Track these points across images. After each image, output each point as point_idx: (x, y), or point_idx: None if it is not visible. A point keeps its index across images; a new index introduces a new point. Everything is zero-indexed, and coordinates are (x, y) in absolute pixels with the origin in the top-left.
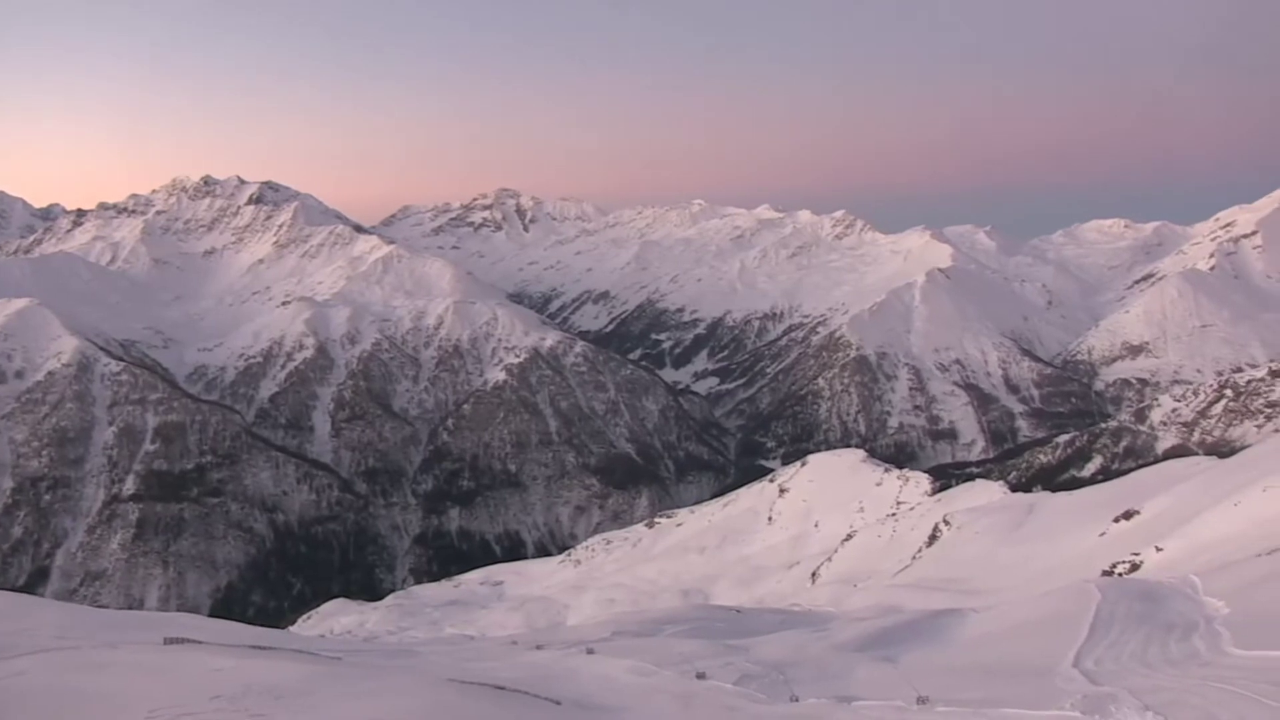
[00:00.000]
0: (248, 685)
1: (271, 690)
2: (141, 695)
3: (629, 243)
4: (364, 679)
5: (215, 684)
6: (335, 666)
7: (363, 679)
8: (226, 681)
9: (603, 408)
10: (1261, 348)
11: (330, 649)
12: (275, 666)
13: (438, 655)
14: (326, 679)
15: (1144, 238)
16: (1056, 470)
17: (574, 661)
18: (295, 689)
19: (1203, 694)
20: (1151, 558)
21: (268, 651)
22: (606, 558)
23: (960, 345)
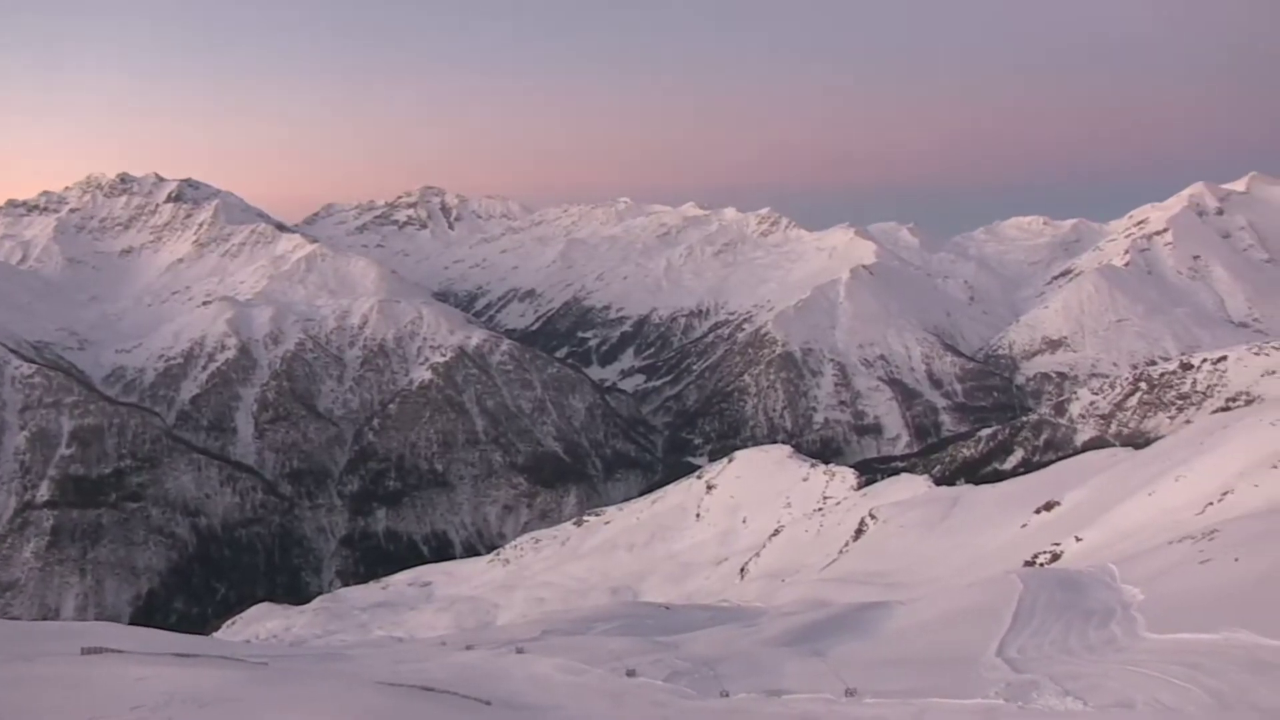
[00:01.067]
0: (170, 694)
1: (195, 698)
2: (58, 709)
3: (555, 241)
4: (291, 684)
5: (136, 694)
6: (261, 672)
7: (290, 684)
8: (148, 691)
9: (529, 406)
10: (1173, 341)
11: (256, 654)
12: (199, 674)
13: (366, 658)
14: (252, 685)
15: (1062, 235)
16: (980, 463)
17: (504, 661)
18: (220, 696)
19: (1119, 677)
20: (1071, 547)
21: (191, 659)
22: (535, 556)
23: (884, 341)
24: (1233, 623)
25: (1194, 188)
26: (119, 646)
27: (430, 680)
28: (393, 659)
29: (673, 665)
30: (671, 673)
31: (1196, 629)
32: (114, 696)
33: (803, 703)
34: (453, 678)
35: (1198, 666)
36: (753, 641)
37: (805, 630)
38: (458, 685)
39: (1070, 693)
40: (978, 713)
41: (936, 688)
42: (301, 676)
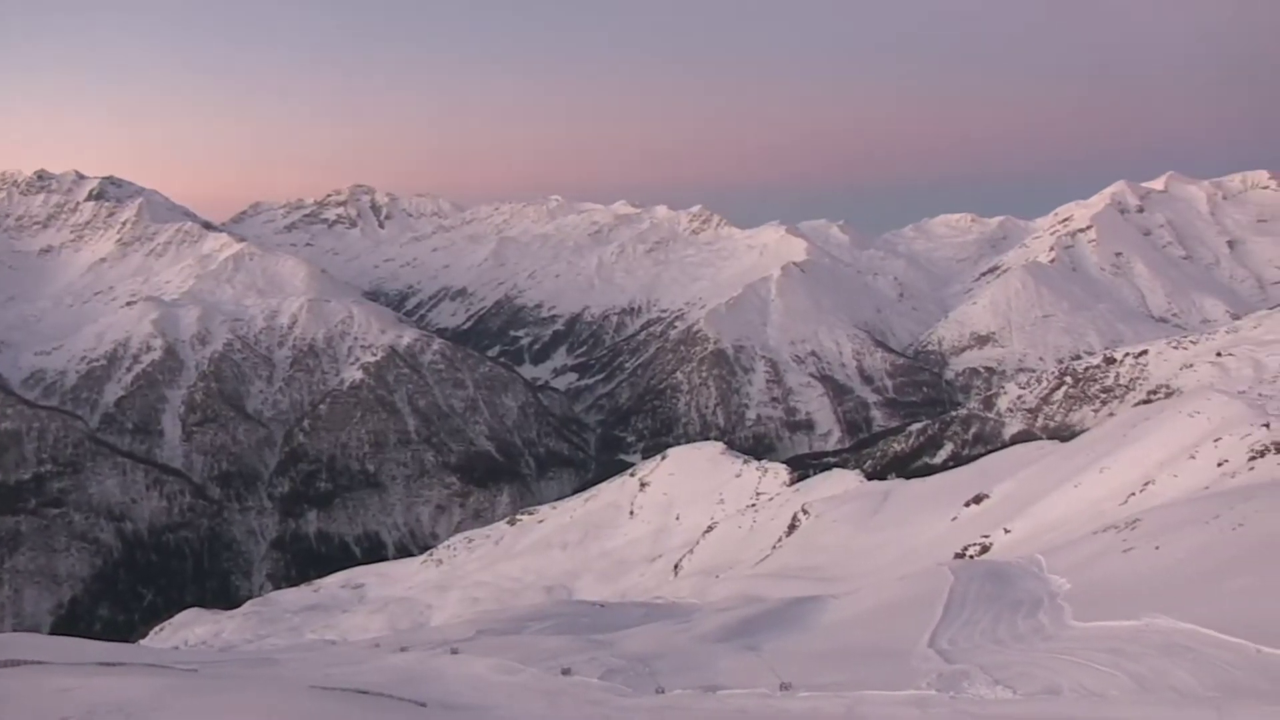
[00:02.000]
0: (94, 705)
1: (121, 708)
2: None
3: (486, 239)
4: (221, 690)
5: (58, 706)
6: (190, 679)
7: (220, 690)
8: (70, 703)
9: (462, 405)
10: (1097, 336)
11: (185, 661)
12: (125, 683)
13: (298, 662)
14: (181, 693)
15: (989, 232)
16: (910, 458)
17: (438, 662)
18: (147, 704)
19: (1047, 665)
20: (1000, 539)
21: (116, 668)
22: (469, 556)
23: (816, 337)
24: (1153, 609)
25: (1116, 186)
26: (38, 657)
27: (364, 683)
28: (325, 662)
29: (608, 663)
30: (607, 670)
31: (1119, 616)
32: (35, 709)
33: (738, 698)
34: (387, 680)
35: (1120, 652)
36: (688, 638)
37: (739, 626)
38: (392, 688)
39: (1000, 681)
40: (910, 703)
41: (870, 680)
42: (232, 682)
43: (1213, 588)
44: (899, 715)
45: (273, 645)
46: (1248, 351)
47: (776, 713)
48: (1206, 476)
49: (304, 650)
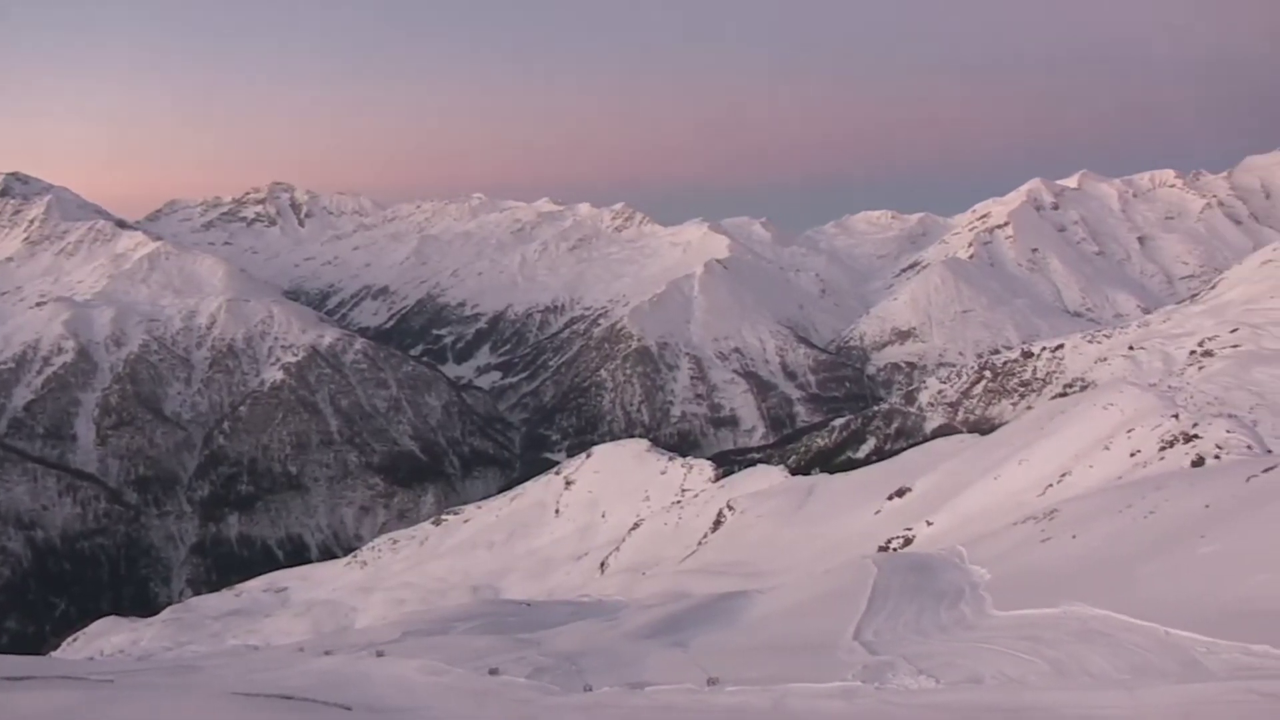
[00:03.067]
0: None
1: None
2: None
3: (408, 237)
4: (138, 700)
5: None
6: (105, 690)
7: (137, 700)
8: None
9: (385, 405)
10: (1015, 330)
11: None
12: (34, 696)
13: (220, 668)
14: (96, 704)
15: (909, 228)
16: (834, 453)
17: (364, 665)
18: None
19: (969, 654)
20: (923, 531)
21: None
22: (394, 557)
23: (739, 334)
24: (1070, 596)
25: (1031, 183)
26: None
27: (288, 688)
28: (248, 668)
29: (535, 662)
30: (534, 669)
31: (1038, 604)
32: None
33: (665, 694)
34: (311, 684)
35: (1039, 639)
36: (614, 635)
37: (666, 622)
38: (317, 692)
39: (924, 671)
40: (836, 695)
41: (796, 673)
42: (150, 692)
43: (1126, 574)
44: (825, 708)
45: (193, 652)
46: (1158, 345)
47: (704, 708)
48: (1120, 467)
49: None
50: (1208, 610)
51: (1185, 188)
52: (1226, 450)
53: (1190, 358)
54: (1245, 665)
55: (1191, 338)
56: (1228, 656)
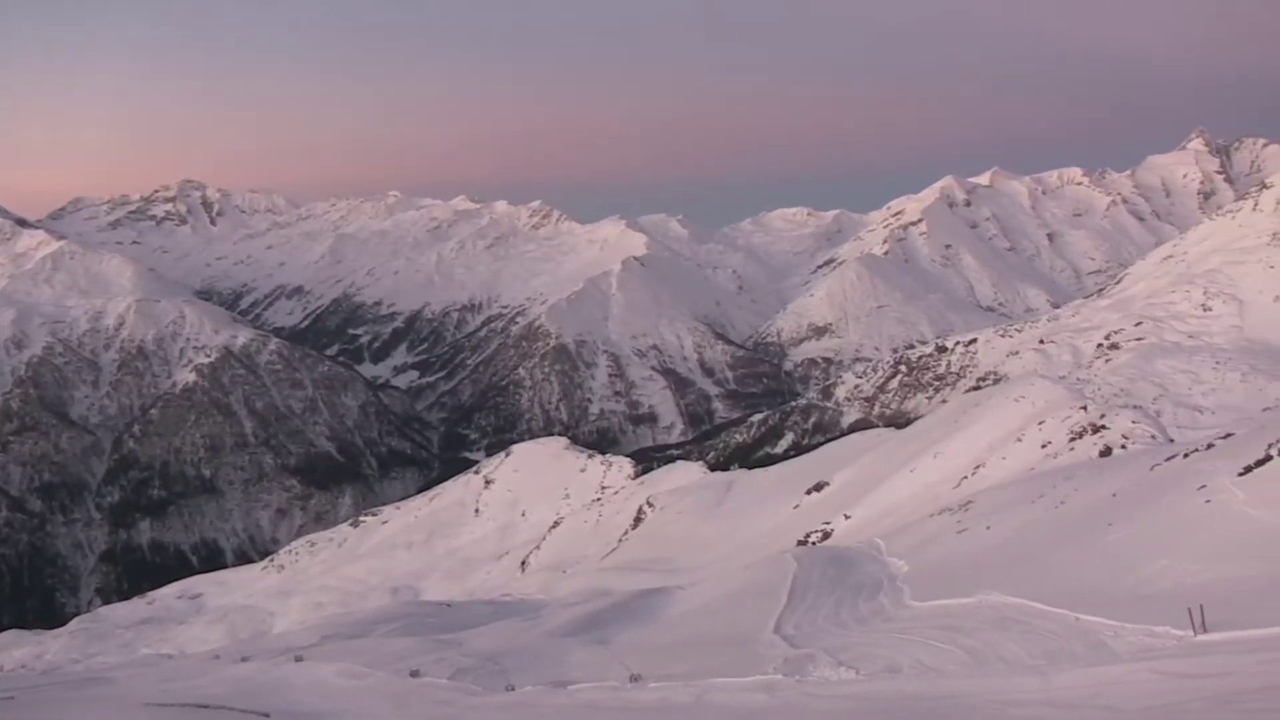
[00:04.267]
0: None
1: None
2: None
3: (323, 236)
4: (43, 715)
5: None
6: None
7: (42, 715)
8: None
9: (300, 406)
10: (929, 325)
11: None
12: None
13: (131, 679)
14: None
15: (825, 225)
16: (752, 448)
17: (282, 671)
18: None
19: (887, 645)
20: (841, 525)
21: None
22: (312, 560)
23: (657, 331)
24: (985, 586)
25: (944, 181)
26: None
27: (204, 697)
28: (161, 678)
29: (457, 663)
30: (456, 670)
31: (955, 594)
32: None
33: (588, 691)
34: (228, 692)
35: (956, 628)
36: (537, 634)
37: (588, 620)
38: (234, 699)
39: (843, 663)
40: (758, 689)
41: (718, 668)
42: (56, 706)
43: (1038, 562)
44: (747, 701)
45: (102, 663)
46: (1067, 339)
47: (627, 705)
48: (1032, 458)
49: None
50: (1115, 595)
51: (1092, 185)
52: (1132, 440)
53: (1097, 351)
54: (1148, 646)
55: (1099, 331)
56: (1133, 639)
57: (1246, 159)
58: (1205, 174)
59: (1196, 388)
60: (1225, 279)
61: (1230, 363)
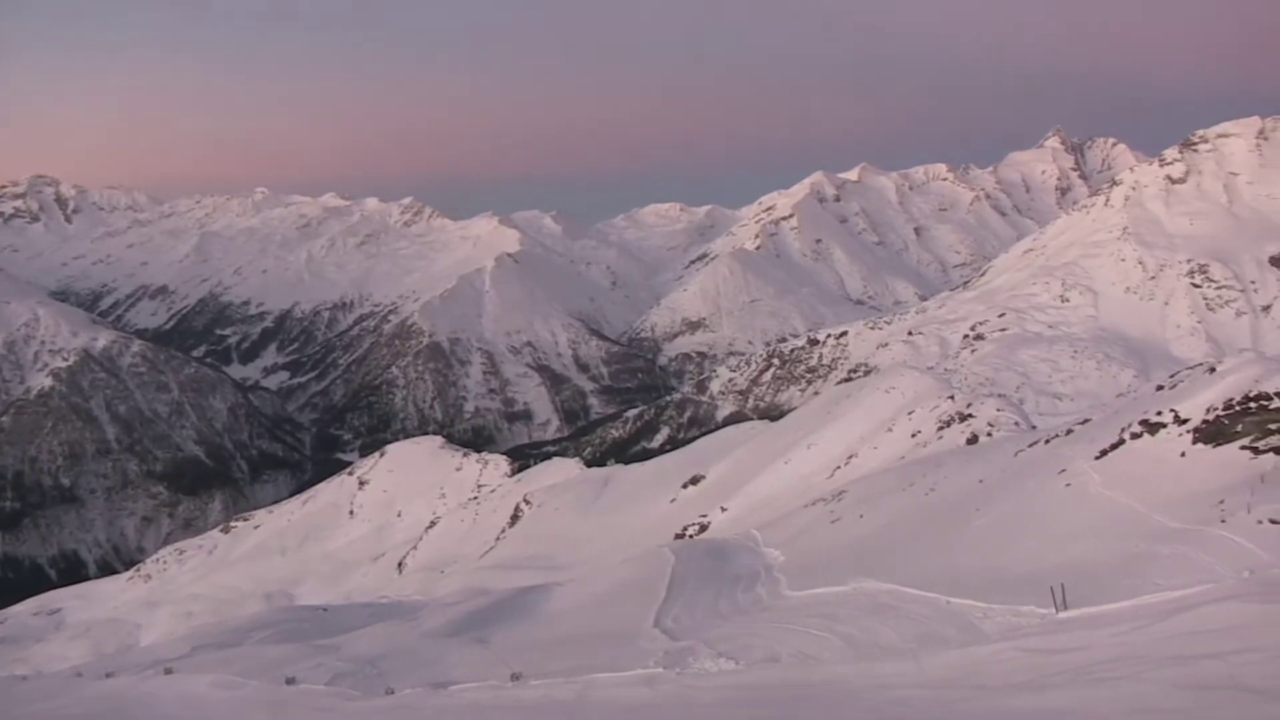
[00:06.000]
0: None
1: None
2: None
3: (188, 234)
4: None
5: None
6: None
7: None
8: None
9: (166, 410)
10: (801, 319)
11: None
12: None
13: None
14: None
15: (698, 220)
16: (628, 443)
17: (150, 685)
18: None
19: (766, 635)
20: (718, 517)
21: None
22: (180, 569)
23: (531, 328)
24: (859, 573)
25: (814, 177)
26: None
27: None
28: (14, 700)
29: (334, 668)
30: (334, 675)
31: (830, 583)
32: None
33: (469, 691)
34: (89, 712)
35: (832, 616)
36: (415, 636)
37: (467, 619)
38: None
39: (723, 654)
40: (639, 683)
41: (599, 663)
42: None
43: (910, 549)
44: (629, 696)
45: None
46: (935, 330)
47: (509, 704)
48: (902, 447)
49: None
50: (983, 578)
51: (956, 181)
52: (997, 427)
53: (964, 341)
54: (1014, 625)
55: (964, 322)
56: (1000, 619)
57: (1099, 157)
58: (1062, 171)
59: (1056, 376)
60: (1081, 271)
61: (1087, 351)
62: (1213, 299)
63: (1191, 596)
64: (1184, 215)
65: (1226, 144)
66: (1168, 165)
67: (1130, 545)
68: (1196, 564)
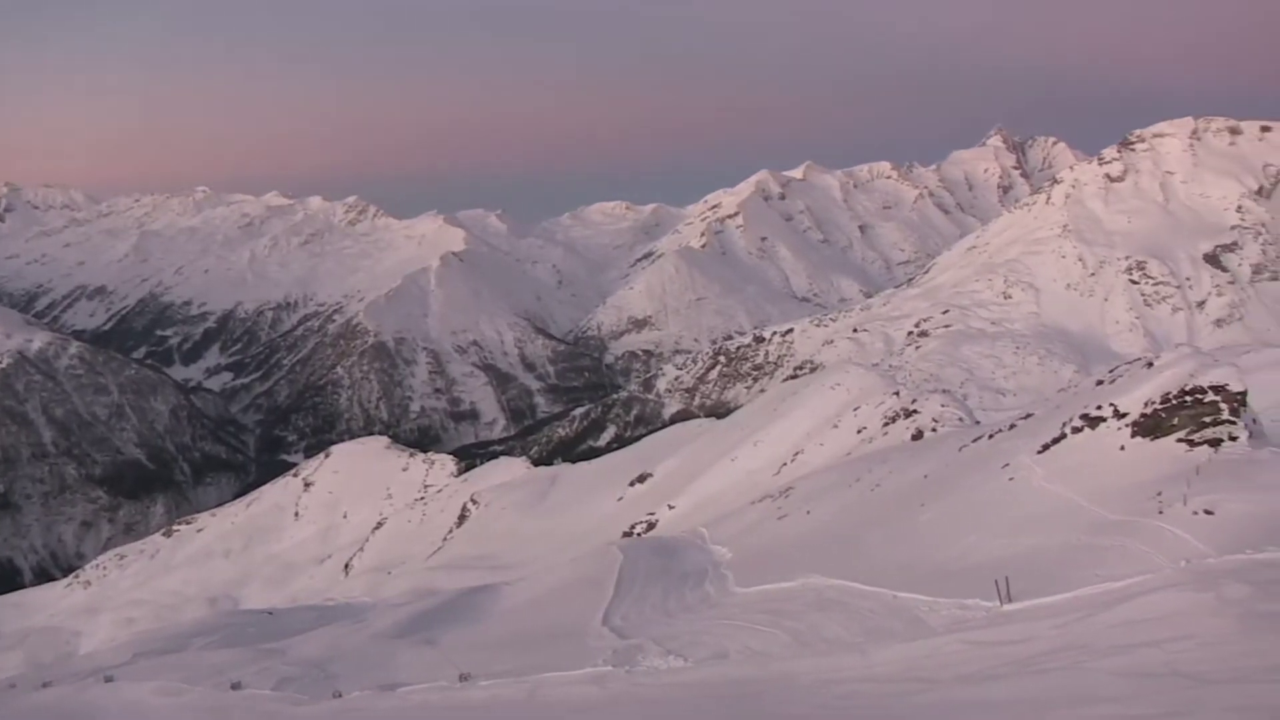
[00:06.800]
0: None
1: None
2: None
3: (127, 233)
4: None
5: None
6: None
7: None
8: None
9: (105, 412)
10: (747, 317)
11: None
12: None
13: None
14: None
15: (644, 219)
16: (575, 442)
17: (91, 694)
18: None
19: (714, 632)
20: (665, 515)
21: None
22: (121, 575)
23: (477, 327)
24: (807, 569)
25: (759, 175)
26: None
27: None
28: None
29: (281, 672)
30: (280, 680)
31: (778, 579)
32: None
33: (418, 693)
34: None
35: (780, 612)
36: (363, 638)
37: (415, 620)
38: None
39: (672, 651)
40: (588, 682)
41: (548, 663)
42: None
43: (857, 544)
44: (578, 695)
45: None
46: (879, 327)
47: (458, 704)
48: (848, 443)
49: None
50: (929, 572)
51: (900, 179)
52: (942, 423)
53: (908, 338)
54: (960, 619)
55: (909, 319)
56: (946, 613)
57: (1040, 155)
58: (1004, 169)
59: (999, 371)
60: (1023, 268)
61: (1029, 347)
62: (1150, 295)
63: (1130, 587)
64: (1122, 213)
65: (1162, 143)
66: (1106, 164)
67: (1072, 537)
68: (1135, 555)
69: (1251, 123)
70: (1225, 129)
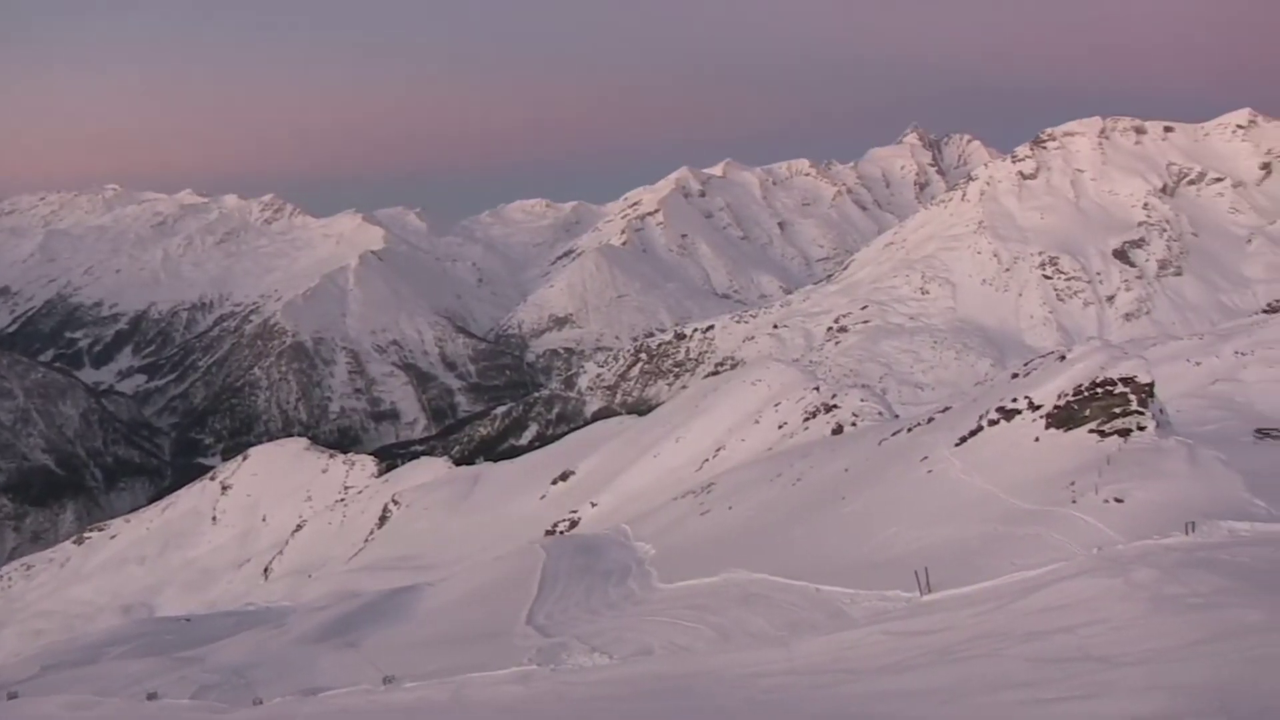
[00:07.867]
0: None
1: None
2: None
3: (32, 232)
4: None
5: None
6: None
7: None
8: None
9: (11, 417)
10: (668, 314)
11: None
12: None
13: None
14: None
15: (564, 216)
16: (497, 440)
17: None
18: None
19: (638, 628)
20: (588, 513)
21: None
22: (28, 585)
23: (397, 326)
24: (730, 564)
25: (679, 172)
26: None
27: None
28: None
29: (199, 680)
30: (199, 688)
31: (701, 574)
32: None
33: (340, 697)
34: None
35: (704, 607)
36: (283, 642)
37: (337, 623)
38: None
39: (597, 649)
40: (514, 681)
41: (473, 663)
42: None
43: (779, 539)
44: (503, 694)
45: None
46: (799, 323)
47: (381, 708)
48: (769, 438)
49: None
50: (850, 564)
51: (819, 176)
52: (861, 417)
53: (828, 334)
54: (880, 610)
55: (828, 315)
56: (867, 604)
57: (955, 153)
58: (920, 166)
59: (917, 366)
60: (940, 264)
61: (946, 341)
62: (1062, 290)
63: (1045, 575)
64: (1035, 210)
65: (1073, 142)
66: (1020, 162)
67: (989, 528)
68: (1050, 543)
69: (1155, 123)
70: (1131, 128)
